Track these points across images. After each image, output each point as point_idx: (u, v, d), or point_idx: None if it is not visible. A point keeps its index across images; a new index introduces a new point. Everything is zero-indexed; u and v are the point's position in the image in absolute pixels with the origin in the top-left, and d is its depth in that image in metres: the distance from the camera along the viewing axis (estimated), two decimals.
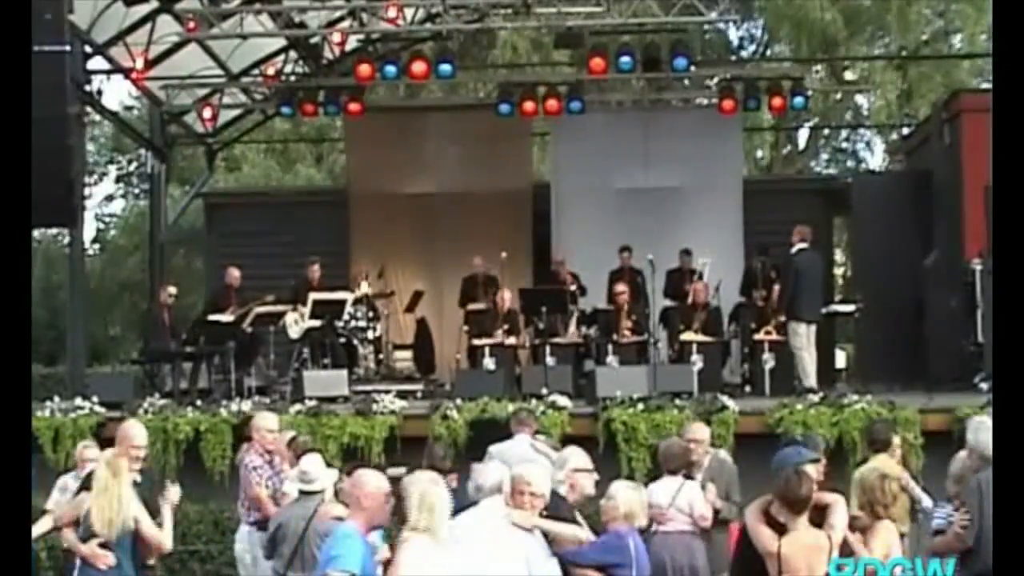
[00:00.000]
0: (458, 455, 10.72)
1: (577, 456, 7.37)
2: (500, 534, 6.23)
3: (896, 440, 9.24)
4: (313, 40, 16.84)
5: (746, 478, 8.57)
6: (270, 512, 8.57)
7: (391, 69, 15.28)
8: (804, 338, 13.34)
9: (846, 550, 6.11)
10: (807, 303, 13.48)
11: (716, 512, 8.23)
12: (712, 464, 8.63)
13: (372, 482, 5.88)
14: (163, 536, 7.21)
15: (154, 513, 7.24)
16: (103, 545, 7.05)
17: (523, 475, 6.69)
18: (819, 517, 5.99)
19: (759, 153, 29.79)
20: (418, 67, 15.02)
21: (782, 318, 13.68)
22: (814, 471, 6.39)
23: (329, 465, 8.27)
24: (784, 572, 5.78)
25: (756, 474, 7.71)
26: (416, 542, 5.81)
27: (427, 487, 6.04)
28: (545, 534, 6.51)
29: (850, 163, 30.54)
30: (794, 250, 13.61)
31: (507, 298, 14.63)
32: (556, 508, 7.03)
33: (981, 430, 7.10)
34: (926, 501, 8.70)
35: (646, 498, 7.31)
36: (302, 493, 7.53)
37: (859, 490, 6.60)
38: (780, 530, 5.89)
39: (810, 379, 13.16)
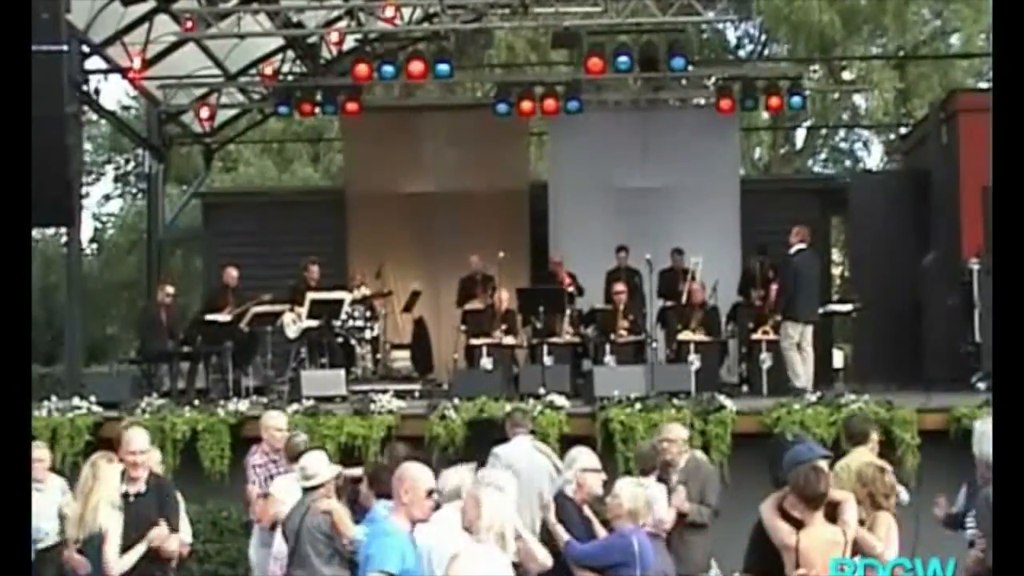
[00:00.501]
0: (456, 454, 10.75)
1: (585, 456, 7.37)
2: (457, 539, 6.18)
3: (874, 434, 9.31)
4: (311, 40, 16.82)
5: (744, 477, 8.58)
6: (256, 510, 8.62)
7: (389, 69, 15.28)
8: (795, 339, 13.32)
9: (857, 547, 6.16)
10: (804, 304, 13.46)
11: (683, 516, 8.19)
12: (688, 466, 8.58)
13: (410, 476, 5.84)
14: (113, 561, 6.97)
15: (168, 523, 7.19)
16: (81, 551, 7.04)
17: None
18: (830, 514, 6.06)
19: (756, 153, 29.82)
20: (416, 67, 15.01)
21: (779, 318, 13.68)
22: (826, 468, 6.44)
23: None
24: (801, 566, 5.84)
25: (754, 473, 7.73)
26: (482, 547, 5.67)
27: (495, 493, 5.94)
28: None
29: (847, 163, 30.57)
30: (792, 250, 13.59)
31: (505, 298, 14.64)
32: (563, 508, 7.04)
33: (984, 441, 7.14)
34: (903, 495, 8.77)
35: (652, 495, 7.31)
36: (304, 490, 7.54)
37: (858, 483, 6.61)
38: (796, 525, 5.94)
39: (800, 379, 13.12)
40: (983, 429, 7.58)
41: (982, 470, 7.16)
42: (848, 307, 15.22)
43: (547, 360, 13.80)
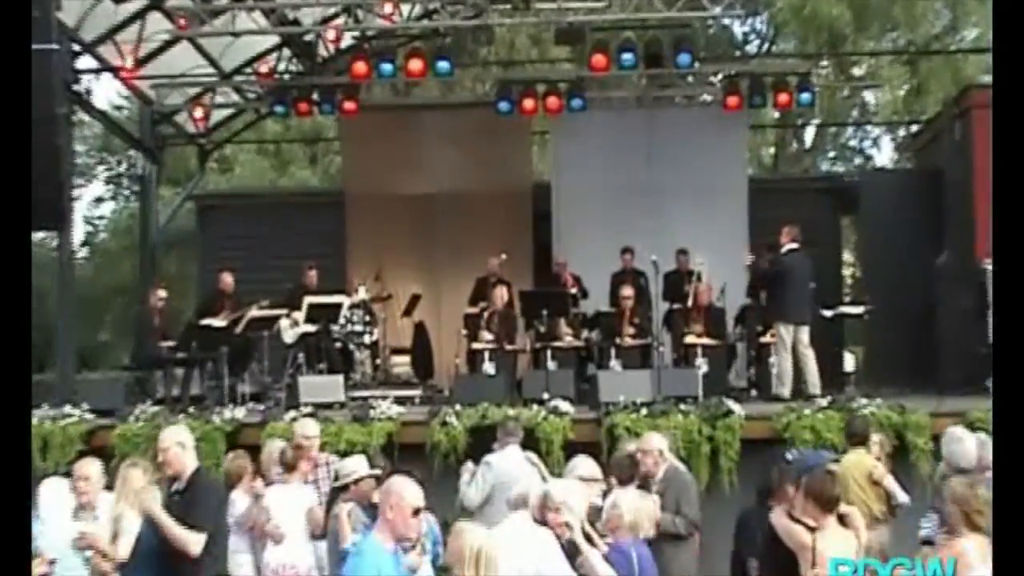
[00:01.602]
0: (458, 461, 10.74)
1: (584, 465, 7.33)
2: (524, 544, 6.16)
3: (876, 436, 9.38)
4: (307, 37, 16.84)
5: (755, 484, 8.55)
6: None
7: (387, 67, 15.29)
8: (787, 340, 13.29)
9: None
10: (794, 304, 13.41)
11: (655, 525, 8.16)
12: (666, 476, 8.60)
13: (396, 491, 5.59)
14: (111, 551, 7.13)
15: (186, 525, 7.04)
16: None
17: (553, 494, 6.62)
18: (840, 521, 6.16)
19: (764, 151, 29.80)
20: (415, 65, 15.02)
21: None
22: None
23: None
24: (817, 565, 5.90)
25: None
26: None
27: (485, 542, 5.82)
28: (572, 558, 6.38)
29: (858, 161, 30.54)
30: (783, 250, 13.57)
31: (503, 297, 14.58)
32: None
33: (952, 442, 7.87)
34: (902, 497, 8.87)
35: (654, 507, 7.27)
36: (335, 491, 7.64)
37: (950, 503, 6.49)
38: (809, 531, 6.02)
39: (784, 388, 13.14)
40: (956, 435, 8.05)
41: (945, 469, 7.40)
42: (859, 309, 15.21)
43: (551, 365, 13.82)
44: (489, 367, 13.82)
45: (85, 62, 16.28)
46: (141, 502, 7.09)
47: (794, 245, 13.48)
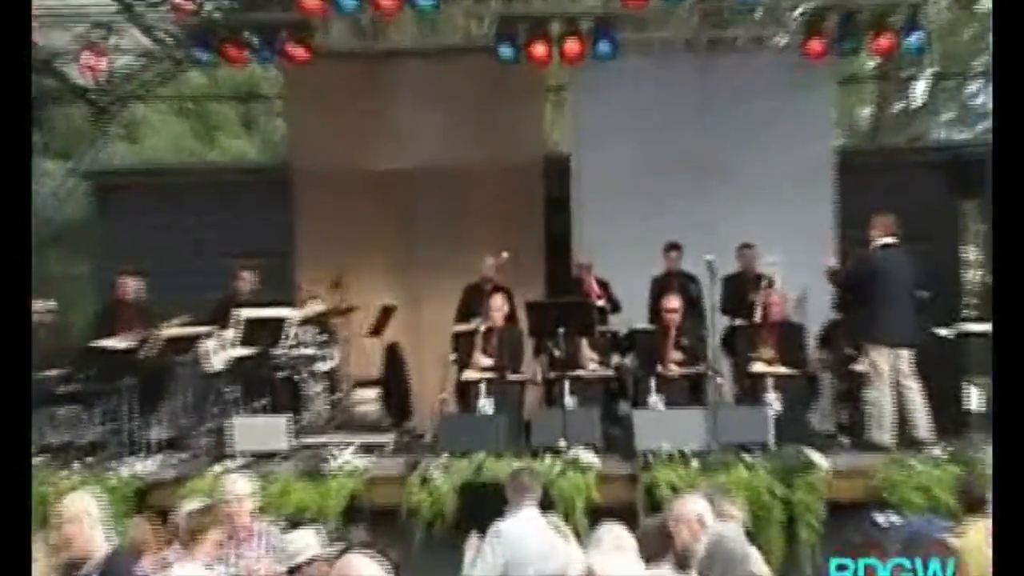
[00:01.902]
0: (445, 531, 10.78)
1: (614, 536, 7.36)
2: None
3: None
4: None
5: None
6: None
7: (349, 1, 15.31)
8: (884, 369, 13.24)
9: None
10: (893, 320, 13.36)
11: None
12: (708, 550, 8.60)
13: (353, 574, 5.41)
14: None
15: None
16: None
17: (597, 569, 6.66)
18: None
19: (858, 113, 29.83)
20: None
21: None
22: None
23: None
24: None
25: None
26: None
27: None
28: None
29: (984, 126, 30.54)
30: (873, 247, 13.53)
31: (503, 308, 14.60)
32: None
33: None
34: None
35: None
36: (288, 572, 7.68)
37: None
38: None
39: (883, 432, 13.08)
40: None
41: None
42: (986, 326, 15.21)
43: (569, 401, 13.82)
44: (486, 404, 13.83)
45: None
46: None
47: (889, 240, 13.44)
